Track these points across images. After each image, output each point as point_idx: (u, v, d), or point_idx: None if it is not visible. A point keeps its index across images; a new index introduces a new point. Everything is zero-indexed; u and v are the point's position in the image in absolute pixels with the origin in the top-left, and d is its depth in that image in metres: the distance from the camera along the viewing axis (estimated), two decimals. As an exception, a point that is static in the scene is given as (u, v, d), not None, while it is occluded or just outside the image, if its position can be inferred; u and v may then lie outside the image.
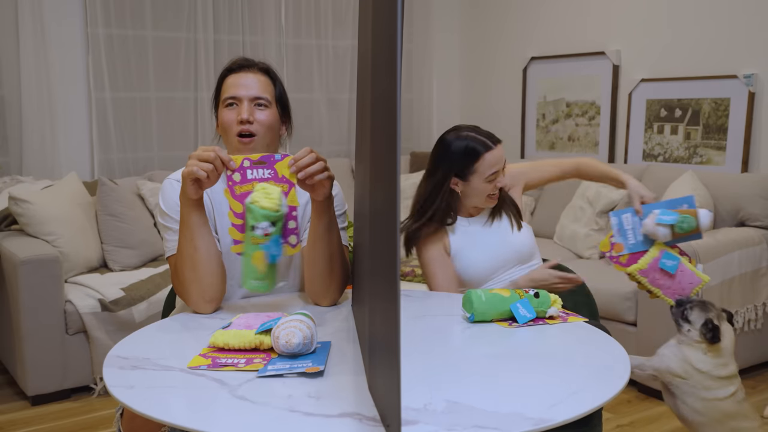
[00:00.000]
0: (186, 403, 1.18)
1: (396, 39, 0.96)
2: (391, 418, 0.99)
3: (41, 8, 3.71)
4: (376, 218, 1.16)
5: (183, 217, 1.64)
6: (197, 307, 1.68)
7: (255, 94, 1.78)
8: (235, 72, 1.81)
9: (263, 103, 1.79)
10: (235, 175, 1.61)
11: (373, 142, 1.20)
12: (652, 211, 1.95)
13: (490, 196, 2.09)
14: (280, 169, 1.62)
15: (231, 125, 1.77)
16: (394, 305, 0.98)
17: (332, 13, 4.75)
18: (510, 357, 1.43)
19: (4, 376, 3.33)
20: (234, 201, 1.61)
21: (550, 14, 4.60)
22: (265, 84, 1.82)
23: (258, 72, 1.82)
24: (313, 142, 4.75)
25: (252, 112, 1.77)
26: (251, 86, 1.79)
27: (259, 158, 1.62)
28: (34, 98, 3.74)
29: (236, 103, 1.78)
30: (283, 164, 1.62)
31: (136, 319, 3.09)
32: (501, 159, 2.05)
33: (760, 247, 3.22)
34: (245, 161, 1.61)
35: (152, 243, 3.52)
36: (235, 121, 1.77)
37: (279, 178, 1.62)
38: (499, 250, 2.11)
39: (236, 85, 1.79)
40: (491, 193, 2.08)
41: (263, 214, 1.55)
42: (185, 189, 1.60)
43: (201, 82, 4.24)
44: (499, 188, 2.08)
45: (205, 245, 1.64)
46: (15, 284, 2.92)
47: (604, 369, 1.37)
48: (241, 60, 1.84)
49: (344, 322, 1.65)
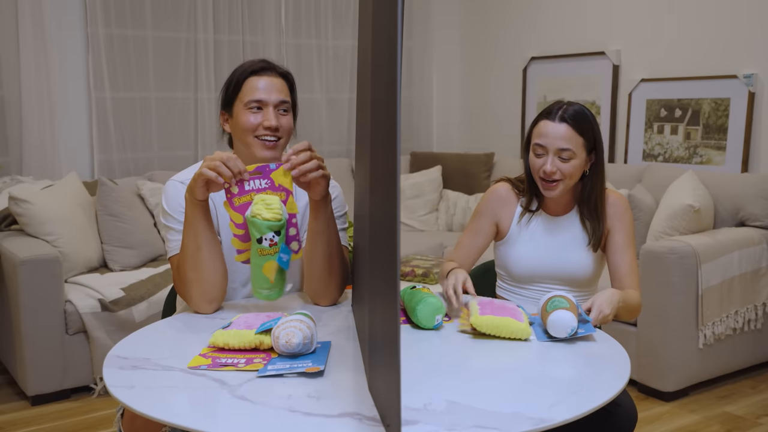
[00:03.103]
0: (186, 403, 1.18)
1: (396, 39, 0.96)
2: (391, 418, 0.99)
3: (41, 8, 3.71)
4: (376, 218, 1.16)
5: (188, 216, 1.64)
6: (198, 307, 1.69)
7: (280, 98, 1.78)
8: (257, 74, 1.79)
9: (286, 108, 1.80)
10: (233, 187, 1.62)
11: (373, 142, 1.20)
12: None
13: (540, 180, 1.89)
14: (276, 178, 1.63)
15: (253, 128, 1.76)
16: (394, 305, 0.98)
17: (332, 13, 4.75)
18: (510, 357, 1.43)
19: (4, 376, 3.33)
20: (234, 212, 1.63)
21: (550, 14, 4.60)
22: (286, 89, 1.82)
23: (279, 76, 1.82)
24: (312, 142, 4.74)
25: (278, 117, 1.78)
26: (276, 91, 1.78)
27: (255, 169, 1.63)
28: (34, 98, 3.74)
29: (261, 107, 1.77)
30: (278, 173, 1.63)
31: (136, 319, 3.09)
32: (549, 135, 1.83)
33: (760, 247, 3.22)
34: None
35: (152, 243, 3.52)
36: (260, 125, 1.76)
37: (276, 187, 1.64)
38: (545, 260, 1.95)
39: (262, 89, 1.77)
40: (540, 176, 1.88)
41: (267, 226, 1.57)
42: (194, 189, 1.60)
43: (201, 82, 4.24)
44: (548, 173, 1.85)
45: (208, 245, 1.65)
46: (15, 284, 2.92)
47: (604, 369, 1.37)
48: (262, 62, 1.82)
49: (344, 322, 1.65)
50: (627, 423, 1.71)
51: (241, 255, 1.67)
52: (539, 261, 1.96)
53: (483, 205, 2.03)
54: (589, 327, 1.54)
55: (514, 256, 1.98)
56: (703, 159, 3.78)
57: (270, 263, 1.60)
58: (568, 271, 1.95)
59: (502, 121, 5.01)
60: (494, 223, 2.01)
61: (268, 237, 1.58)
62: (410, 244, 4.04)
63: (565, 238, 1.96)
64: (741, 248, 3.15)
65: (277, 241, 1.59)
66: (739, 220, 3.38)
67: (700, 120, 3.78)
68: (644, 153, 4.08)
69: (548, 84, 4.64)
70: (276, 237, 1.59)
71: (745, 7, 3.57)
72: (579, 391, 1.24)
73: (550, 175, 1.86)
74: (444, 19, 5.26)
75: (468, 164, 4.69)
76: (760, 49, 3.53)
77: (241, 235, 1.65)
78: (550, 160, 1.85)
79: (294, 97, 1.86)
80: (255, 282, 1.63)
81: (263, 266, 1.60)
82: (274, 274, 1.61)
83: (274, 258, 1.60)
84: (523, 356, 1.43)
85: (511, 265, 1.99)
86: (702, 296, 3.00)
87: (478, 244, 2.01)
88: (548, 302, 1.56)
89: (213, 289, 1.68)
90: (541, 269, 1.96)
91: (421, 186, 4.61)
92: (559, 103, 1.90)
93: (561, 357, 1.43)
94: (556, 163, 1.85)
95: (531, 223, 1.98)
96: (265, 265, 1.60)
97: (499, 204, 2.01)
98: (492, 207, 2.01)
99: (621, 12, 4.17)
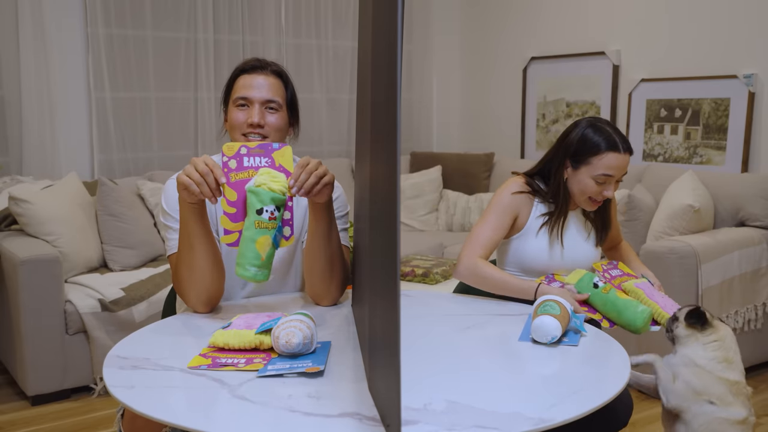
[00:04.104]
0: (186, 403, 1.18)
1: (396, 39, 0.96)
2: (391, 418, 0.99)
3: (41, 8, 3.71)
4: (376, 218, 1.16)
5: (182, 219, 1.64)
6: (195, 306, 1.70)
7: (267, 97, 1.77)
8: (248, 72, 1.80)
9: (274, 107, 1.79)
10: (231, 162, 1.58)
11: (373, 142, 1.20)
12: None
13: (591, 199, 1.96)
14: (277, 158, 1.60)
15: (240, 126, 1.77)
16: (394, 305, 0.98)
17: (332, 13, 4.75)
18: (510, 357, 1.43)
19: (4, 376, 3.33)
20: (228, 189, 1.57)
21: (550, 14, 4.60)
22: (277, 87, 1.81)
23: (271, 74, 1.81)
24: (312, 142, 4.75)
25: (263, 115, 1.77)
26: (263, 89, 1.78)
27: (257, 146, 1.60)
28: (34, 98, 3.74)
29: (247, 104, 1.77)
30: (280, 153, 1.60)
31: (136, 319, 3.09)
32: (620, 168, 1.92)
33: (760, 247, 3.22)
34: (242, 148, 1.59)
35: (152, 243, 3.52)
36: (245, 122, 1.76)
37: (276, 167, 1.60)
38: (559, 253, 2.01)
39: (248, 86, 1.78)
40: (594, 198, 1.95)
41: (271, 197, 1.53)
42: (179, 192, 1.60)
43: (201, 82, 4.24)
44: (606, 198, 1.95)
45: (203, 248, 1.63)
46: (15, 284, 2.92)
47: (604, 369, 1.37)
48: (254, 61, 1.83)
49: (344, 322, 1.65)
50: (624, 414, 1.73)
51: (228, 236, 1.59)
52: (554, 253, 2.01)
53: (507, 201, 2.00)
54: (575, 338, 1.54)
55: (532, 250, 2.01)
56: (703, 159, 3.78)
57: (265, 238, 1.53)
58: (577, 263, 2.02)
59: (502, 121, 5.01)
60: (514, 218, 2.02)
61: (270, 209, 1.53)
62: (410, 244, 4.04)
63: (572, 231, 2.03)
64: (741, 248, 3.15)
65: (277, 216, 1.54)
66: (739, 220, 3.38)
67: (700, 120, 3.78)
68: (644, 153, 4.08)
69: (548, 84, 4.64)
70: (276, 212, 1.54)
71: (745, 7, 3.57)
72: (579, 391, 1.24)
73: (605, 197, 1.96)
74: (444, 21, 5.26)
75: (468, 164, 4.69)
76: (760, 49, 3.53)
77: (231, 214, 1.58)
78: (612, 188, 1.95)
79: (290, 95, 1.85)
80: (244, 258, 1.52)
81: (258, 240, 1.53)
82: (266, 250, 1.54)
83: (270, 234, 1.54)
84: (523, 356, 1.43)
85: (528, 259, 2.02)
86: (702, 296, 3.00)
87: (500, 239, 2.01)
88: (540, 305, 1.58)
89: (207, 292, 1.67)
90: (555, 261, 2.01)
91: (421, 186, 4.61)
92: (611, 125, 1.96)
93: (561, 357, 1.43)
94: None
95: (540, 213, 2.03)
96: (260, 240, 1.53)
97: (521, 201, 2.02)
98: (517, 203, 2.01)
99: (621, 12, 4.17)
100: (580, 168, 1.94)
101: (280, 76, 1.84)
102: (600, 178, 1.91)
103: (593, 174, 1.91)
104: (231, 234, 1.59)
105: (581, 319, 1.61)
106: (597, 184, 1.93)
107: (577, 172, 1.95)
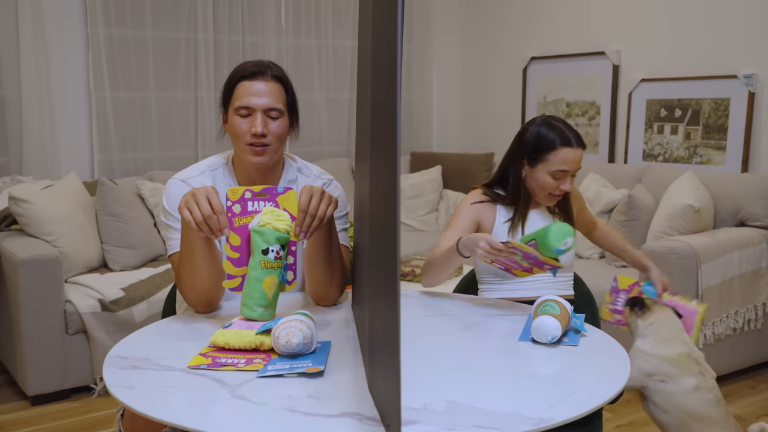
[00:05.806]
0: (186, 403, 1.18)
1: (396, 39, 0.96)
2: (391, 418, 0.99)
3: (41, 8, 3.71)
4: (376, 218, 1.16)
5: (183, 227, 1.62)
6: (195, 307, 1.70)
7: (269, 105, 1.74)
8: (248, 78, 1.75)
9: (276, 114, 1.75)
10: (235, 206, 1.56)
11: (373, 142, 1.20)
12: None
13: (550, 194, 2.02)
14: (282, 202, 1.58)
15: (243, 135, 1.74)
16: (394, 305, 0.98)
17: (332, 13, 4.75)
18: (510, 357, 1.43)
19: (4, 376, 3.33)
20: (232, 233, 1.55)
21: (550, 14, 4.60)
22: (278, 93, 1.77)
23: (271, 80, 1.76)
24: (313, 142, 4.75)
25: (265, 123, 1.73)
26: (265, 96, 1.74)
27: (261, 190, 1.57)
28: (34, 98, 3.74)
29: (249, 113, 1.74)
30: (285, 197, 1.58)
31: (136, 319, 3.09)
32: (574, 161, 1.97)
33: (760, 247, 3.22)
34: (246, 192, 1.56)
35: (152, 243, 3.53)
36: (248, 131, 1.73)
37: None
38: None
39: (250, 94, 1.74)
40: (553, 192, 2.01)
41: (277, 237, 1.51)
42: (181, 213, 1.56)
43: (201, 82, 4.24)
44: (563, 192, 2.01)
45: (204, 254, 1.62)
46: (15, 284, 2.92)
47: (604, 369, 1.37)
48: (254, 65, 1.78)
49: (344, 322, 1.65)
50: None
51: (231, 281, 1.57)
52: None
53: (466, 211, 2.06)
54: (575, 338, 1.55)
55: None
56: (703, 159, 3.78)
57: (271, 278, 1.51)
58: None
59: (502, 121, 5.01)
60: (476, 224, 2.06)
61: (275, 249, 1.50)
62: (410, 244, 4.04)
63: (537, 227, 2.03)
64: (741, 248, 3.15)
65: (282, 256, 1.52)
66: (739, 220, 3.38)
67: (700, 120, 3.78)
68: (644, 153, 4.08)
69: (548, 84, 4.64)
70: (281, 252, 1.52)
71: (744, 7, 3.57)
72: (579, 391, 1.24)
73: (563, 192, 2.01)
74: (444, 21, 5.26)
75: (468, 164, 4.69)
76: (760, 49, 3.53)
77: (235, 258, 1.55)
78: (569, 181, 2.00)
79: (290, 99, 1.82)
80: (251, 299, 1.50)
81: (264, 280, 1.50)
82: (273, 290, 1.52)
83: (277, 273, 1.52)
84: (523, 356, 1.43)
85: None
86: (702, 296, 3.00)
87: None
88: (540, 305, 1.59)
89: (208, 291, 1.67)
90: None
91: (421, 186, 4.61)
92: (563, 122, 2.02)
93: (560, 357, 1.43)
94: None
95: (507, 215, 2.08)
96: (266, 280, 1.50)
97: (481, 209, 2.06)
98: (476, 211, 2.06)
99: (621, 12, 4.17)
100: (537, 165, 2.00)
101: (281, 81, 1.80)
102: (557, 173, 1.98)
103: (550, 170, 1.98)
104: (234, 279, 1.57)
105: (581, 319, 1.62)
106: (554, 179, 1.99)
107: (534, 170, 2.01)
